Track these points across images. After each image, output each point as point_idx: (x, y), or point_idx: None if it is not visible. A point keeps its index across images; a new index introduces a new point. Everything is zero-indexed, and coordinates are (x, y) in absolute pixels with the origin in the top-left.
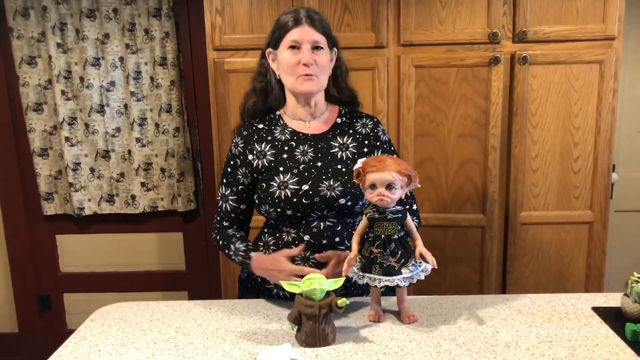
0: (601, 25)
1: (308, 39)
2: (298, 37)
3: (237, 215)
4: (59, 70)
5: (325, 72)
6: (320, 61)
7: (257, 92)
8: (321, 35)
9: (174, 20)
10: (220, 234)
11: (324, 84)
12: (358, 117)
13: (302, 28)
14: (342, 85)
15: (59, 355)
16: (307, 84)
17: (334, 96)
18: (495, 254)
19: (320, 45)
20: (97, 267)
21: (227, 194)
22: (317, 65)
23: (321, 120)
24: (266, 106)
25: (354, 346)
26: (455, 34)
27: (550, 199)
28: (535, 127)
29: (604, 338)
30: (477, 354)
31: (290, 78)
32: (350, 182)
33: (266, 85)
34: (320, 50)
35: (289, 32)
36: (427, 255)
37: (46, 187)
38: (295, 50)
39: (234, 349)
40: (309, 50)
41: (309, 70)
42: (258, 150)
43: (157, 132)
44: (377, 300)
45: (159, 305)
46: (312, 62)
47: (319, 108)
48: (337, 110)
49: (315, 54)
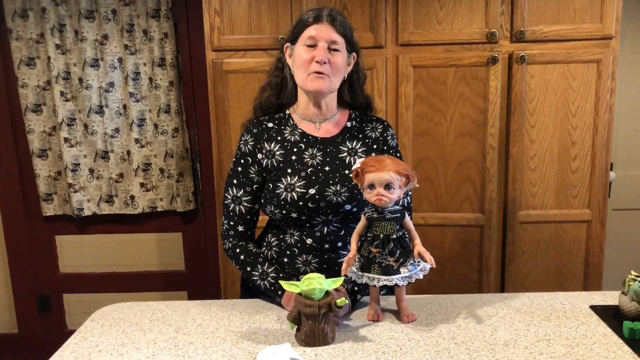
0: (598, 25)
1: (325, 37)
2: (315, 34)
3: (252, 216)
4: (58, 71)
5: (339, 74)
6: (334, 62)
7: (272, 86)
8: (340, 36)
9: (173, 21)
10: (240, 247)
11: (335, 86)
12: (368, 121)
13: (322, 26)
14: (358, 92)
15: (60, 356)
16: (317, 82)
17: (346, 101)
18: (494, 253)
19: (337, 46)
20: (96, 268)
21: (239, 195)
22: (331, 65)
23: (331, 123)
24: (279, 101)
25: (353, 345)
26: (453, 34)
27: (549, 198)
28: (533, 127)
29: (601, 336)
30: (475, 352)
31: (302, 74)
32: (357, 188)
33: (282, 80)
34: (337, 51)
35: (308, 28)
36: (426, 254)
37: (45, 188)
38: (311, 48)
39: (233, 349)
40: (324, 48)
41: (322, 68)
42: (267, 149)
43: (156, 132)
44: (376, 299)
45: (159, 305)
46: (326, 61)
47: (329, 110)
48: (347, 114)
49: (331, 54)
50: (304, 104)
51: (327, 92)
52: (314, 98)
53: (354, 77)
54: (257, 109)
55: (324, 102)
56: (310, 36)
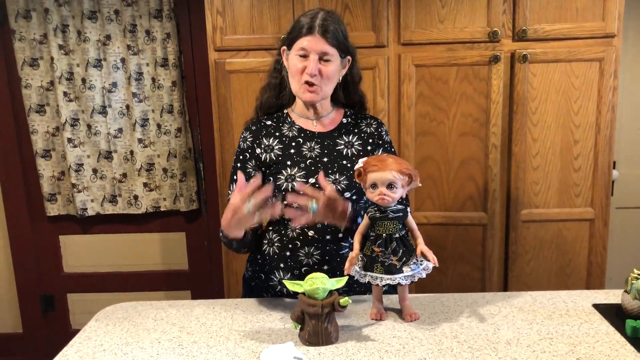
0: (601, 23)
1: (316, 49)
2: (307, 46)
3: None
4: (61, 71)
5: (330, 83)
6: (325, 72)
7: (272, 87)
8: (331, 47)
9: (175, 21)
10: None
11: (327, 94)
12: (362, 118)
13: (313, 37)
14: (351, 91)
15: (65, 355)
16: (308, 95)
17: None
18: (497, 252)
19: (329, 57)
20: (100, 268)
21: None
22: (322, 76)
23: (327, 120)
24: (279, 102)
25: (356, 344)
26: (455, 33)
27: (551, 197)
28: (535, 125)
29: (604, 334)
30: (478, 351)
31: (296, 84)
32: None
33: (280, 81)
34: (328, 62)
35: (300, 39)
36: (428, 253)
37: (49, 188)
38: (303, 58)
39: (237, 348)
40: (315, 60)
41: (313, 79)
42: (266, 144)
43: (159, 132)
44: (379, 298)
45: (162, 305)
46: (316, 73)
47: (324, 109)
48: (342, 112)
49: (322, 65)
50: (300, 105)
51: (319, 101)
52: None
53: (348, 78)
54: (259, 110)
55: (319, 105)
56: (302, 47)
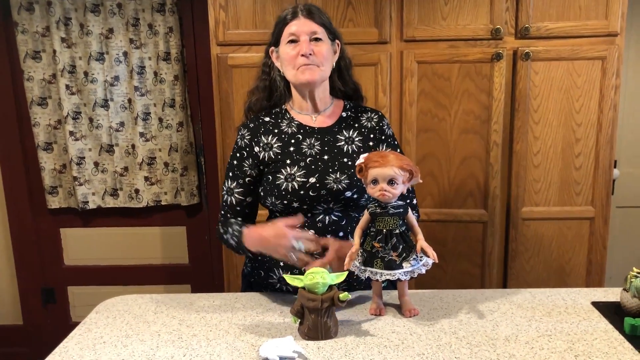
0: (604, 22)
1: (306, 31)
2: (296, 30)
3: (242, 208)
4: (64, 64)
5: (327, 62)
6: (319, 51)
7: (261, 90)
8: (319, 26)
9: (178, 15)
10: (222, 223)
11: (326, 74)
12: (363, 111)
13: (299, 20)
14: (347, 78)
15: (65, 347)
16: (307, 73)
17: (338, 89)
18: (497, 249)
19: (319, 36)
20: (101, 261)
21: (232, 187)
22: (316, 55)
23: (326, 114)
24: (270, 104)
25: (355, 339)
26: (458, 30)
27: (552, 195)
28: (537, 123)
29: (602, 332)
30: (476, 347)
31: (292, 71)
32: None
33: (270, 83)
34: (319, 41)
35: (287, 26)
36: (428, 249)
37: (50, 181)
38: (294, 44)
39: (237, 341)
40: (306, 41)
41: (308, 60)
42: (264, 142)
43: (161, 126)
44: (378, 293)
45: (162, 298)
46: (311, 52)
47: (323, 102)
48: (341, 105)
49: (314, 45)
50: (299, 100)
51: (319, 81)
52: (308, 91)
53: (342, 64)
54: (248, 112)
55: (317, 95)
56: (291, 32)
